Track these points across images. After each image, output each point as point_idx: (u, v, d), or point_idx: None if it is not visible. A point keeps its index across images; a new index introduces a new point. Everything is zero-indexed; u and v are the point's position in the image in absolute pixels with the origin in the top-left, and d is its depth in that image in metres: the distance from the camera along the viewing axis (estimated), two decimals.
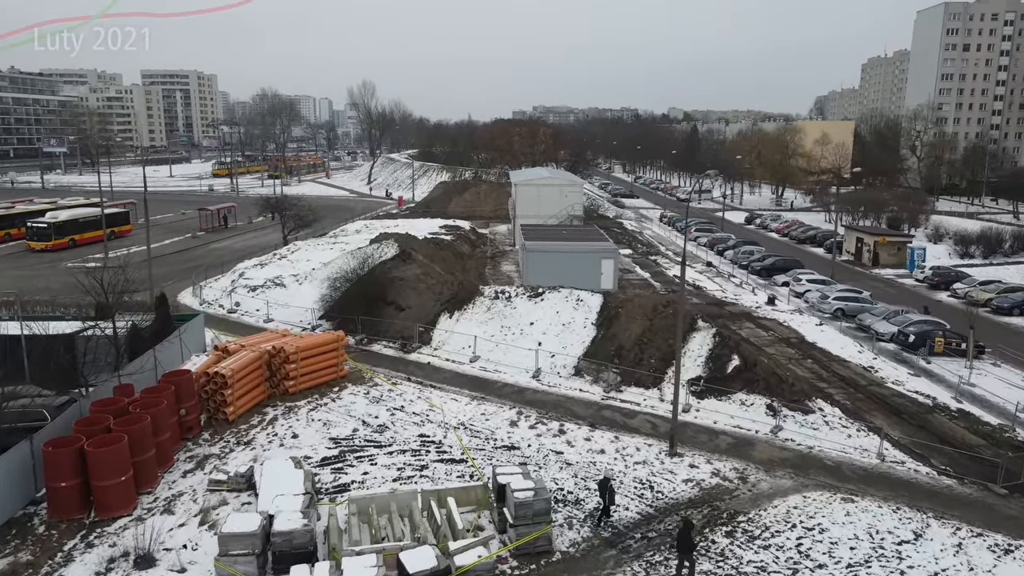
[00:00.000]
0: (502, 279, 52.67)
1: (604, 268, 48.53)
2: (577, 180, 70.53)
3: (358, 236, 63.94)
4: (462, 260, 58.56)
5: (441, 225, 73.06)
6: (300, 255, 54.52)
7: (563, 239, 52.95)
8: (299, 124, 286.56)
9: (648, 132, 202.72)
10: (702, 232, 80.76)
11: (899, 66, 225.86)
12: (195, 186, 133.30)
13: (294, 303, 44.55)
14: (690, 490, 24.14)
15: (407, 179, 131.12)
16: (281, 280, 47.81)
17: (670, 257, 65.21)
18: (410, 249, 48.25)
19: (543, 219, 66.24)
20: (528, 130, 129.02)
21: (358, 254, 47.67)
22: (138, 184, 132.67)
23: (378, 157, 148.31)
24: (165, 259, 64.01)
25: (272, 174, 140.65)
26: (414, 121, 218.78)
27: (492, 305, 39.34)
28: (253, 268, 51.25)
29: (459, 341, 37.17)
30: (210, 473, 23.97)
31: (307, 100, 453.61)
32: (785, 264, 62.06)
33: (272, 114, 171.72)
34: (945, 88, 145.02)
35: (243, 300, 45.87)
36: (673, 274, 55.74)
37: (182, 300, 48.09)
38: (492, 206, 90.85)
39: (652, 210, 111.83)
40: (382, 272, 43.75)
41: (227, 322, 43.04)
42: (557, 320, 37.19)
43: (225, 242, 74.75)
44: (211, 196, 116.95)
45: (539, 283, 48.06)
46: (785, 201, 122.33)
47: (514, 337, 36.85)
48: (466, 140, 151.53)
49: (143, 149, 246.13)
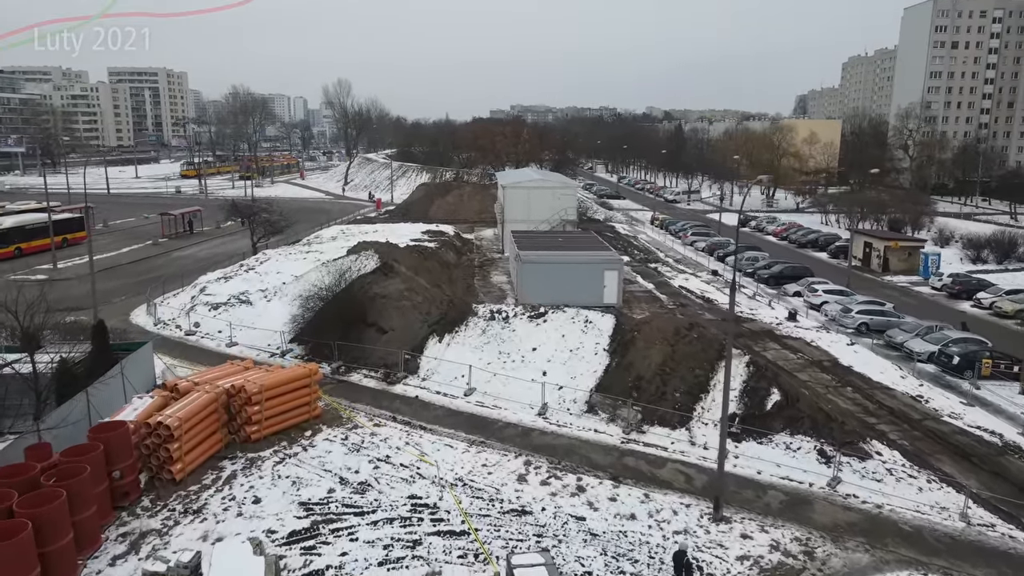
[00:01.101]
0: (493, 292, 47.93)
1: (607, 280, 43.96)
2: (570, 183, 66.08)
3: (334, 243, 58.85)
4: (448, 270, 53.66)
5: (424, 231, 68.09)
6: (269, 266, 49.31)
7: (559, 247, 48.32)
8: (272, 123, 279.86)
9: (632, 131, 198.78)
10: (699, 236, 76.56)
11: (880, 65, 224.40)
12: (161, 188, 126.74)
13: (261, 323, 39.44)
14: (747, 571, 19.56)
15: (385, 180, 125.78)
16: (247, 296, 42.61)
17: (671, 264, 60.81)
18: (392, 261, 43.29)
19: (533, 224, 61.58)
20: (511, 129, 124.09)
21: (334, 267, 42.60)
22: (101, 187, 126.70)
23: (355, 157, 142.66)
24: (121, 270, 58.39)
25: (244, 175, 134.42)
26: (391, 120, 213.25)
27: (488, 327, 34.54)
28: (216, 282, 45.98)
29: (451, 370, 32.33)
30: (145, 561, 18.93)
31: (281, 99, 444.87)
32: (795, 272, 57.94)
33: (244, 113, 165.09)
34: (933, 86, 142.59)
35: (204, 320, 40.61)
36: (679, 285, 51.31)
37: (135, 319, 42.72)
38: (476, 208, 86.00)
39: (641, 212, 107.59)
40: (361, 288, 38.75)
41: (184, 347, 37.80)
42: (563, 345, 32.50)
43: (189, 250, 69.12)
44: (177, 199, 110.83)
45: (536, 298, 43.58)
46: (775, 202, 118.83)
47: (514, 365, 32.10)
48: (446, 140, 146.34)
49: (110, 149, 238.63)
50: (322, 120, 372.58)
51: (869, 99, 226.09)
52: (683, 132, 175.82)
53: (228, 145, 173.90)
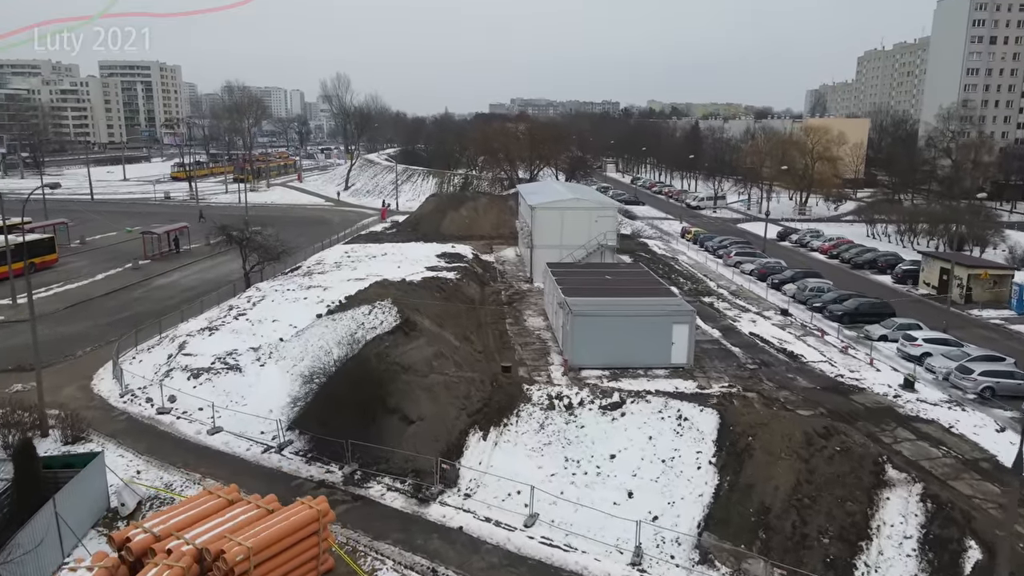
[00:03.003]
0: (532, 343, 39.94)
1: (677, 336, 36.01)
2: (609, 202, 58.01)
3: (339, 274, 50.90)
4: (474, 310, 45.70)
5: (439, 253, 60.19)
6: (263, 310, 41.28)
7: (611, 290, 40.29)
8: (268, 119, 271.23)
9: (642, 129, 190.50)
10: (744, 257, 68.47)
11: (899, 60, 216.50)
12: (149, 193, 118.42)
13: (253, 398, 31.54)
14: None
15: (389, 184, 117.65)
16: (236, 359, 34.61)
17: (727, 299, 52.81)
18: (414, 315, 35.31)
19: (567, 249, 53.62)
20: (526, 128, 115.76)
21: (343, 324, 34.66)
22: (84, 191, 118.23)
23: (356, 159, 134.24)
24: (93, 306, 50.35)
25: (238, 177, 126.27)
26: (391, 116, 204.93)
27: (547, 419, 26.63)
28: (199, 334, 37.97)
29: (503, 484, 24.43)
30: None
31: (277, 92, 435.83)
32: (874, 308, 49.97)
33: (239, 111, 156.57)
34: (970, 84, 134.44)
35: (182, 391, 32.65)
36: (749, 331, 43.31)
37: (98, 387, 34.73)
38: (493, 222, 77.91)
39: (667, 221, 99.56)
40: (378, 355, 30.81)
41: (154, 434, 29.83)
42: (652, 452, 24.61)
43: (173, 275, 61.07)
44: (164, 207, 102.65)
45: (589, 358, 35.73)
46: (808, 209, 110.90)
47: (587, 480, 24.23)
48: (453, 139, 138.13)
49: (102, 146, 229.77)
50: (319, 114, 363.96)
51: (888, 95, 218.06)
52: (700, 131, 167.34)
53: (223, 142, 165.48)
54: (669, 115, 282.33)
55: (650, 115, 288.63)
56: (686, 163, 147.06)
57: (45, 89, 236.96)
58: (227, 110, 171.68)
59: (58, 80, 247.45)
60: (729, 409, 25.36)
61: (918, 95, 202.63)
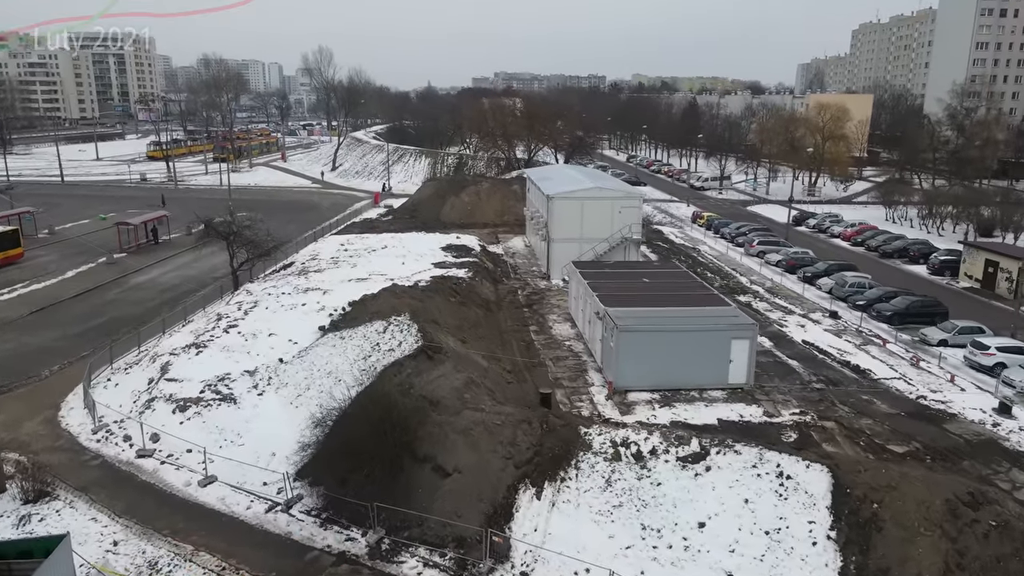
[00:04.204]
0: (565, 358, 35.29)
1: (736, 353, 31.51)
2: (635, 191, 53.13)
3: (338, 273, 45.64)
4: (493, 317, 40.92)
5: (444, 245, 55.12)
6: (257, 321, 36.11)
7: (654, 297, 35.57)
8: (247, 93, 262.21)
9: (637, 105, 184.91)
10: (768, 245, 63.96)
11: (896, 33, 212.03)
12: (124, 174, 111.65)
13: (252, 439, 26.69)
14: None
15: (379, 165, 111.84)
16: (229, 385, 29.60)
17: (764, 297, 48.33)
18: (437, 335, 30.46)
19: (587, 243, 48.89)
20: (524, 106, 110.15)
21: (353, 344, 29.77)
22: (54, 172, 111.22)
23: (343, 137, 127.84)
24: (61, 311, 44.93)
25: (218, 156, 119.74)
26: (375, 90, 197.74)
27: (613, 473, 22.05)
28: (184, 353, 32.84)
29: (566, 561, 19.86)
30: None
31: (255, 65, 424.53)
32: (925, 307, 45.78)
33: (217, 86, 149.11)
34: (979, 58, 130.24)
35: (166, 428, 27.66)
36: (801, 339, 38.91)
37: (66, 420, 29.67)
38: (496, 209, 72.81)
39: (673, 203, 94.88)
40: (401, 389, 26.01)
41: (133, 486, 24.92)
42: (751, 520, 20.12)
43: (152, 271, 55.66)
44: (141, 190, 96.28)
45: (636, 379, 31.22)
46: (818, 190, 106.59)
47: (673, 555, 19.73)
48: (445, 117, 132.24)
49: (72, 122, 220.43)
50: (299, 88, 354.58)
51: (883, 69, 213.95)
52: (698, 107, 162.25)
53: (200, 118, 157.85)
54: (659, 90, 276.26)
55: (640, 90, 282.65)
56: (684, 141, 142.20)
57: (12, 62, 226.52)
58: (204, 84, 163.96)
59: (25, 53, 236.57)
60: (842, 465, 20.85)
61: (916, 69, 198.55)
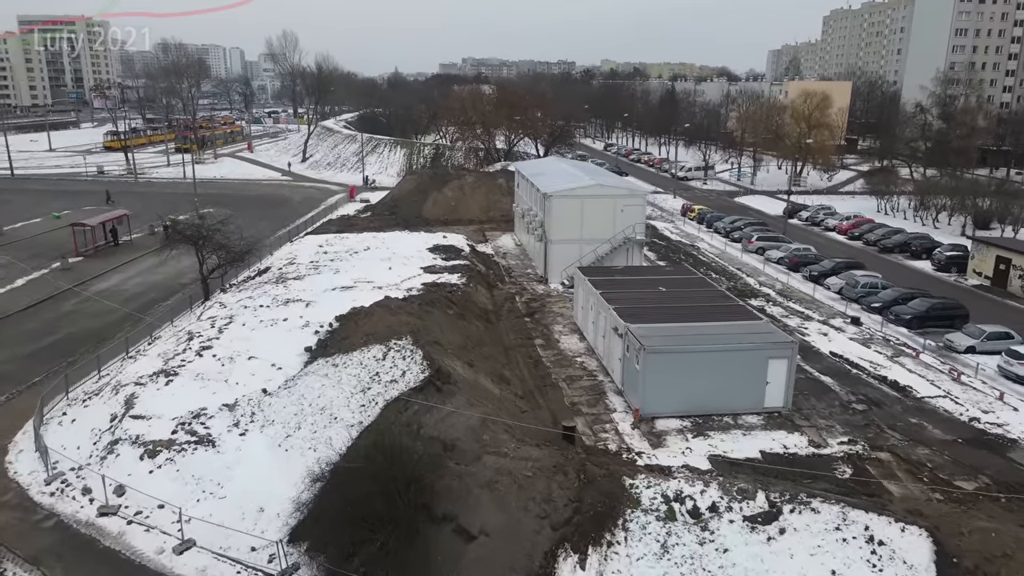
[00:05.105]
0: (579, 379, 32.00)
1: (773, 374, 28.51)
2: (638, 189, 49.80)
3: (319, 280, 41.73)
4: (493, 331, 37.43)
5: (431, 246, 51.42)
6: (234, 340, 32.15)
7: (676, 311, 32.36)
8: (209, 79, 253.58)
9: (613, 92, 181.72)
10: (767, 241, 61.28)
11: (869, 19, 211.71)
12: (80, 166, 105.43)
13: (234, 490, 22.97)
14: None
15: (351, 155, 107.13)
16: (206, 424, 25.72)
17: (776, 300, 45.48)
18: (444, 360, 26.88)
19: (588, 244, 45.63)
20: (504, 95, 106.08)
21: (349, 373, 26.07)
22: (2, 164, 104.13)
23: (313, 126, 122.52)
24: (6, 327, 40.34)
25: (181, 147, 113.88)
26: (343, 76, 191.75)
27: (668, 536, 18.80)
28: (152, 382, 28.79)
29: None
30: None
31: (216, 50, 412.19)
32: (946, 310, 43.40)
33: (177, 72, 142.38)
34: (959, 45, 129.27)
35: (133, 477, 23.78)
36: (828, 350, 36.10)
37: (14, 466, 25.60)
38: (481, 204, 69.16)
39: (660, 195, 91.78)
40: (408, 431, 22.47)
41: (95, 555, 21.08)
42: None
43: (113, 277, 51.08)
44: (99, 184, 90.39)
45: (664, 404, 28.09)
46: (803, 180, 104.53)
47: None
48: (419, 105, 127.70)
49: (23, 109, 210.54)
50: (262, 74, 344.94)
51: (856, 56, 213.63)
52: (676, 94, 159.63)
53: (160, 105, 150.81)
54: (632, 76, 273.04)
55: (612, 76, 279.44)
56: (663, 129, 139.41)
57: None
58: (163, 71, 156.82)
59: None
60: (943, 527, 17.84)
61: (888, 56, 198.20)
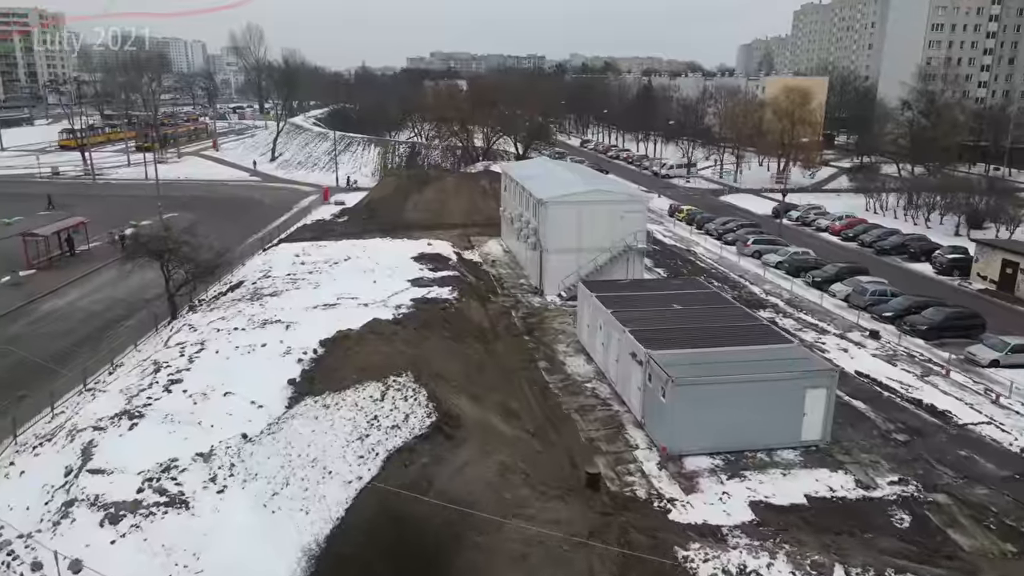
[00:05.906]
0: (592, 411, 29.12)
1: (811, 405, 25.93)
2: (639, 195, 47.19)
3: (299, 297, 38.43)
4: (492, 352, 34.37)
5: (416, 255, 48.38)
6: (207, 372, 28.61)
7: (698, 333, 29.61)
8: (170, 74, 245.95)
9: (588, 87, 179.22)
10: (763, 244, 59.07)
11: (839, 14, 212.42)
12: (33, 167, 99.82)
13: (212, 562, 19.59)
14: None
15: (324, 154, 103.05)
16: (178, 480, 22.26)
17: (784, 311, 43.06)
18: (449, 400, 23.80)
19: (586, 254, 42.79)
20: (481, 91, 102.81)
21: (343, 416, 22.86)
22: None
23: (282, 123, 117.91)
24: None
25: (142, 145, 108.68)
26: (310, 70, 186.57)
27: None
28: (113, 427, 25.19)
29: None
30: None
31: (176, 43, 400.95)
32: (962, 319, 41.38)
33: (137, 68, 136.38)
34: (935, 40, 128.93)
35: (92, 550, 20.27)
36: (854, 369, 33.73)
37: None
38: (464, 208, 65.98)
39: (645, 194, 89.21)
40: (416, 489, 19.37)
41: None
42: None
43: (69, 293, 47.01)
44: (54, 186, 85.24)
45: (692, 440, 25.35)
46: (785, 178, 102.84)
47: None
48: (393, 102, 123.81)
49: None
50: (225, 68, 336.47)
51: (827, 51, 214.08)
52: (653, 89, 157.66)
53: (119, 101, 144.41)
54: (603, 71, 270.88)
55: (584, 71, 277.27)
56: (639, 125, 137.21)
57: None
58: (122, 65, 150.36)
59: None
60: None
61: (859, 51, 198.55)
